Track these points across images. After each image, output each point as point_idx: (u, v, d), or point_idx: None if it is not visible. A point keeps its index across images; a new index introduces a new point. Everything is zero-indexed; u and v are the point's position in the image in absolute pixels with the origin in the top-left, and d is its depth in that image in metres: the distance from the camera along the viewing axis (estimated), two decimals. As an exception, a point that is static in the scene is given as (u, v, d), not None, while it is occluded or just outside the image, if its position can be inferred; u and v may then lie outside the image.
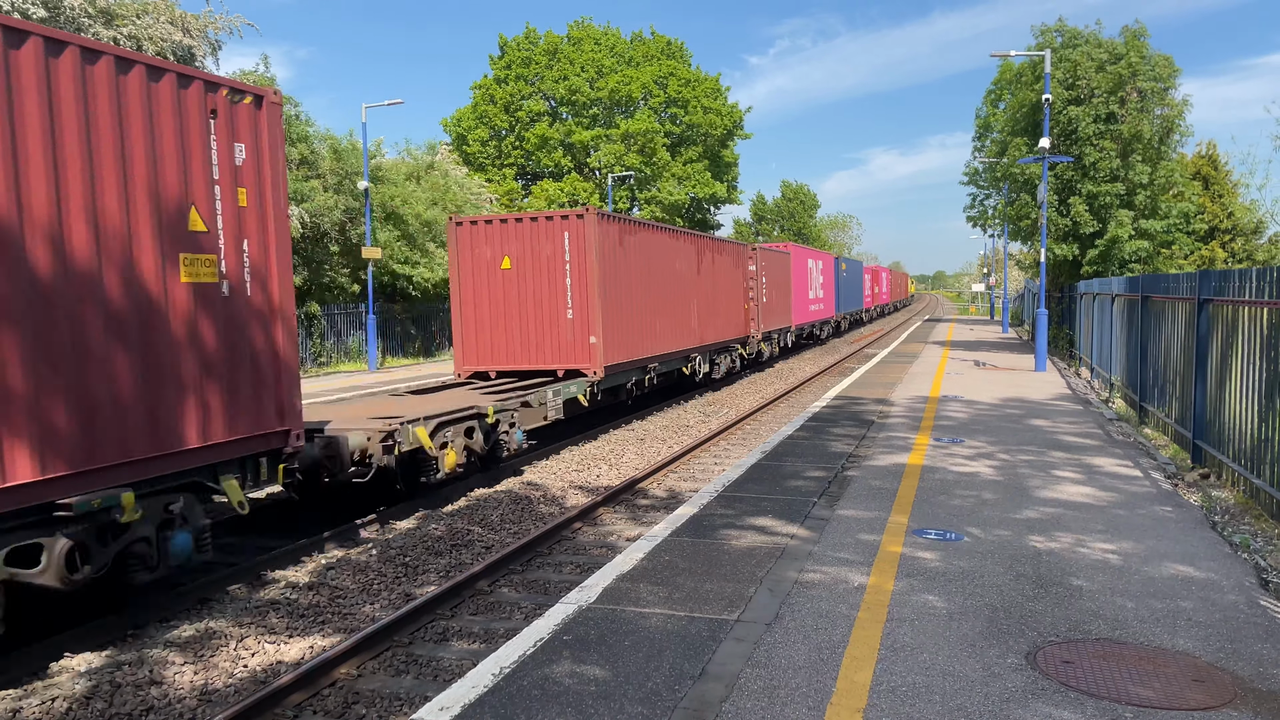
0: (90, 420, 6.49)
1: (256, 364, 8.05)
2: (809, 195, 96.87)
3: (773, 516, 8.26)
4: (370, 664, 6.65)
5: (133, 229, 6.80)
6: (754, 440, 15.85)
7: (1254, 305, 8.48)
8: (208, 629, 7.24)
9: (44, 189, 6.14)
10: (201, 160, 7.43)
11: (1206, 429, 10.14)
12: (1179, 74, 24.67)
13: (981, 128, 34.62)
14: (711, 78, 54.43)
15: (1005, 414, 14.43)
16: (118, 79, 6.68)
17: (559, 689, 4.82)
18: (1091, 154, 24.66)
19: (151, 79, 6.98)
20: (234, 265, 7.78)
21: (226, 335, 7.69)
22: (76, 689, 6.19)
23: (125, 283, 6.75)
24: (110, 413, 6.64)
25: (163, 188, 7.06)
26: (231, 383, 7.75)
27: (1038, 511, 8.25)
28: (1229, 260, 37.54)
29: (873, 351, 34.52)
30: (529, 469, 13.37)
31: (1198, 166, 38.50)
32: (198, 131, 7.40)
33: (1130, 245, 24.69)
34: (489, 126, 51.93)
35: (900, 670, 4.97)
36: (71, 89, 6.34)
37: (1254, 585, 6.26)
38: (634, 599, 6.16)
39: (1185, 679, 4.82)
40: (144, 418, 6.92)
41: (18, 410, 5.98)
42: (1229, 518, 8.22)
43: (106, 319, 6.60)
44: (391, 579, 8.52)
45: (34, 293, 6.11)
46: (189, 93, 7.32)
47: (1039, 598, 6.05)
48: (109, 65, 6.62)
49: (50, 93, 6.21)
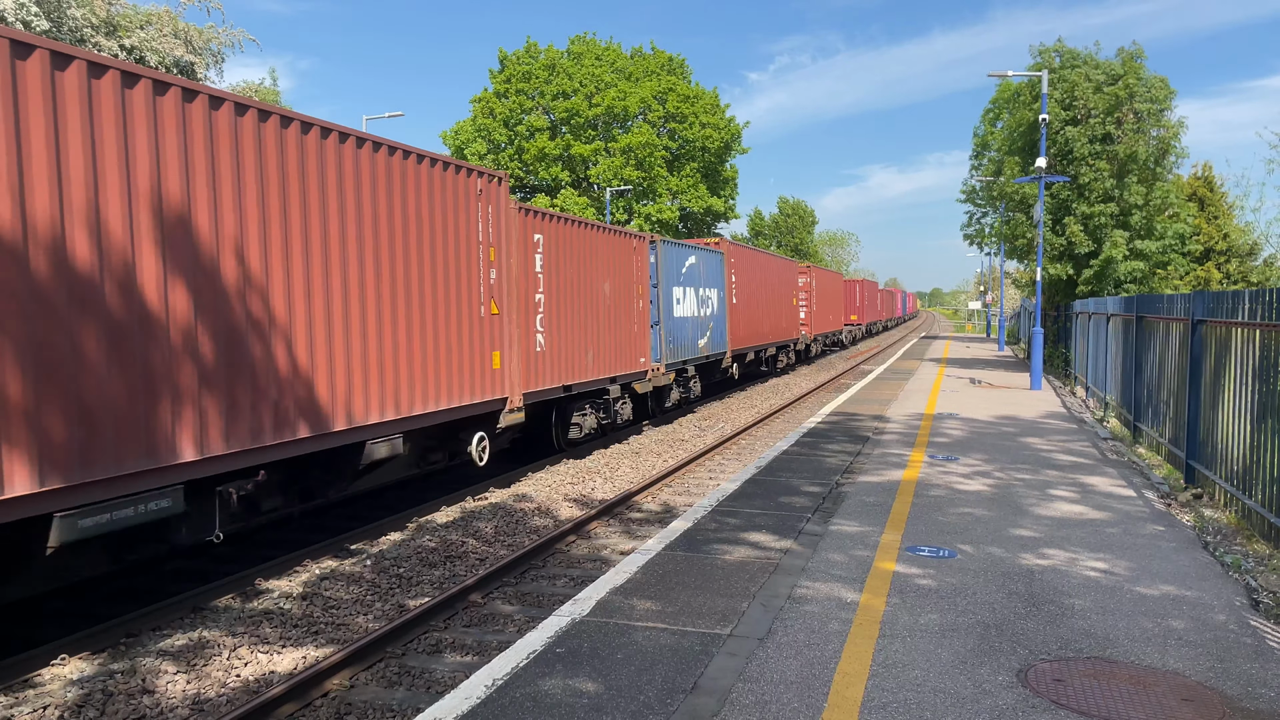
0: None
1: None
2: (807, 211, 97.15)
3: (766, 531, 8.28)
4: (363, 675, 6.65)
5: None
6: (749, 455, 15.87)
7: (1247, 327, 8.54)
8: (201, 638, 7.24)
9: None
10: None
11: (1199, 449, 10.18)
12: (1175, 96, 24.82)
13: (979, 146, 34.80)
14: (710, 93, 54.64)
15: (1000, 432, 14.47)
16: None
17: (551, 701, 4.83)
18: (1087, 174, 24.78)
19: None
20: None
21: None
22: (68, 696, 6.18)
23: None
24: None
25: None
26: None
27: (1031, 529, 8.28)
28: (1224, 282, 37.68)
29: (869, 368, 34.59)
30: (523, 482, 13.37)
31: (1193, 188, 38.69)
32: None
33: (1125, 266, 24.79)
34: (488, 140, 52.08)
35: (892, 687, 4.98)
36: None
37: (1245, 606, 6.29)
38: (627, 612, 6.17)
39: (1175, 698, 4.84)
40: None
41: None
42: (1221, 538, 8.25)
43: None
44: (385, 590, 8.52)
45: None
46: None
47: (1031, 616, 6.08)
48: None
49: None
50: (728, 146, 55.27)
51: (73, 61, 6.42)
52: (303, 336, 8.50)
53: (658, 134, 52.54)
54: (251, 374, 7.89)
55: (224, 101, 7.64)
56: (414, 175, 10.21)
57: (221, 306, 7.60)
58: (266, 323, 8.08)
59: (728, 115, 55.01)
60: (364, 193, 9.32)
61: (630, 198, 52.03)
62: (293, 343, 8.38)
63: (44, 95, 6.19)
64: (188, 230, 7.25)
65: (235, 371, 7.72)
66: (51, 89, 6.26)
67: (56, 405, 6.23)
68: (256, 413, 7.94)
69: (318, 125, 8.69)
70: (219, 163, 7.57)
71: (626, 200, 52.15)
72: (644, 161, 50.76)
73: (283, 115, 8.30)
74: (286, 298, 8.31)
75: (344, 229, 9.04)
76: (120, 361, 6.67)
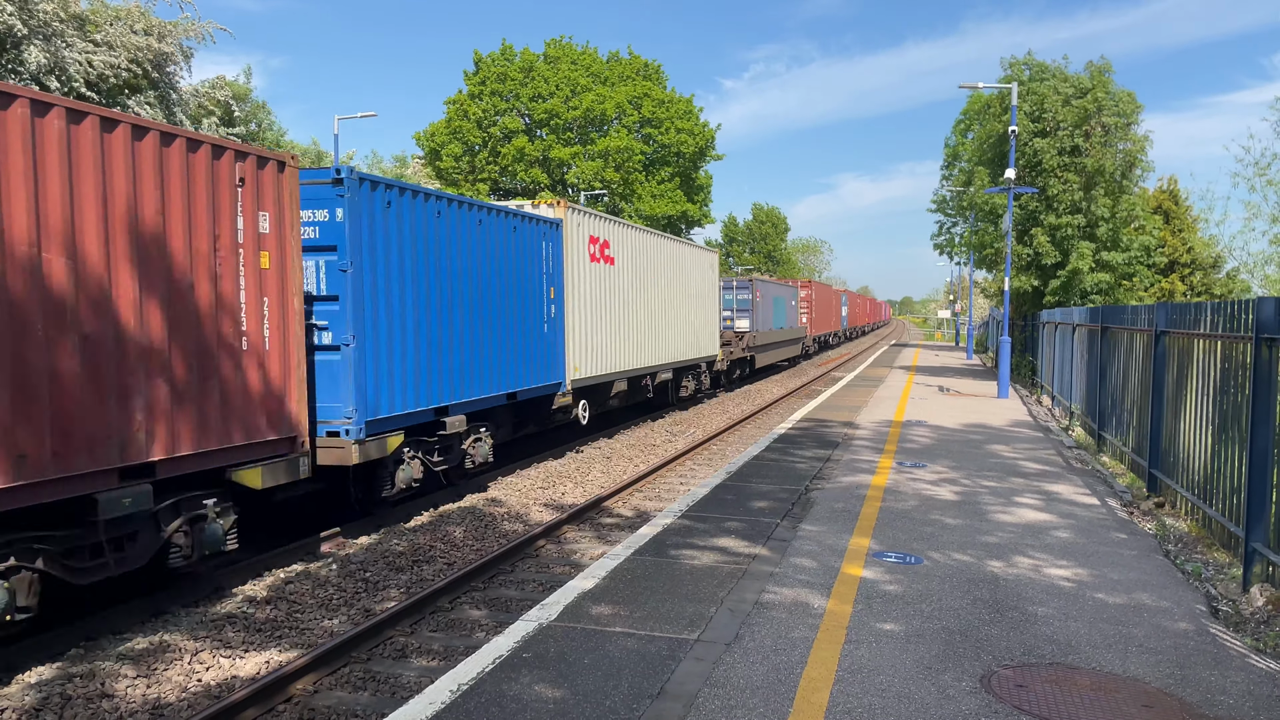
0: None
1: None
2: (780, 218, 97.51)
3: (736, 537, 8.30)
4: (327, 680, 6.59)
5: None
6: (720, 460, 15.90)
7: (1209, 338, 8.67)
8: (162, 642, 7.14)
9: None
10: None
11: (1162, 458, 10.33)
12: (1141, 110, 25.19)
13: (950, 157, 35.13)
14: (685, 98, 54.77)
15: (967, 439, 14.60)
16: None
17: (516, 706, 4.81)
18: (1055, 186, 25.08)
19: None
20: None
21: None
22: (26, 700, 6.08)
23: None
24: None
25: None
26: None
27: (996, 536, 8.35)
28: (1188, 294, 38.25)
29: (839, 375, 34.78)
30: (494, 486, 13.32)
31: (1159, 201, 39.24)
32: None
33: (1091, 277, 25.10)
34: (462, 142, 51.87)
35: (857, 692, 5.01)
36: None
37: (1204, 613, 6.38)
38: (595, 617, 6.16)
39: (1135, 705, 4.90)
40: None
41: None
42: (1182, 546, 8.37)
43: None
44: (351, 594, 8.45)
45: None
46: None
47: (995, 622, 6.13)
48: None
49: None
50: (702, 152, 55.39)
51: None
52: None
53: (634, 138, 52.59)
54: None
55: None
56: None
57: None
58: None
59: (702, 121, 55.15)
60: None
61: (607, 201, 52.03)
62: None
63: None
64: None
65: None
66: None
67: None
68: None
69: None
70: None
71: (604, 205, 52.14)
72: (622, 165, 50.80)
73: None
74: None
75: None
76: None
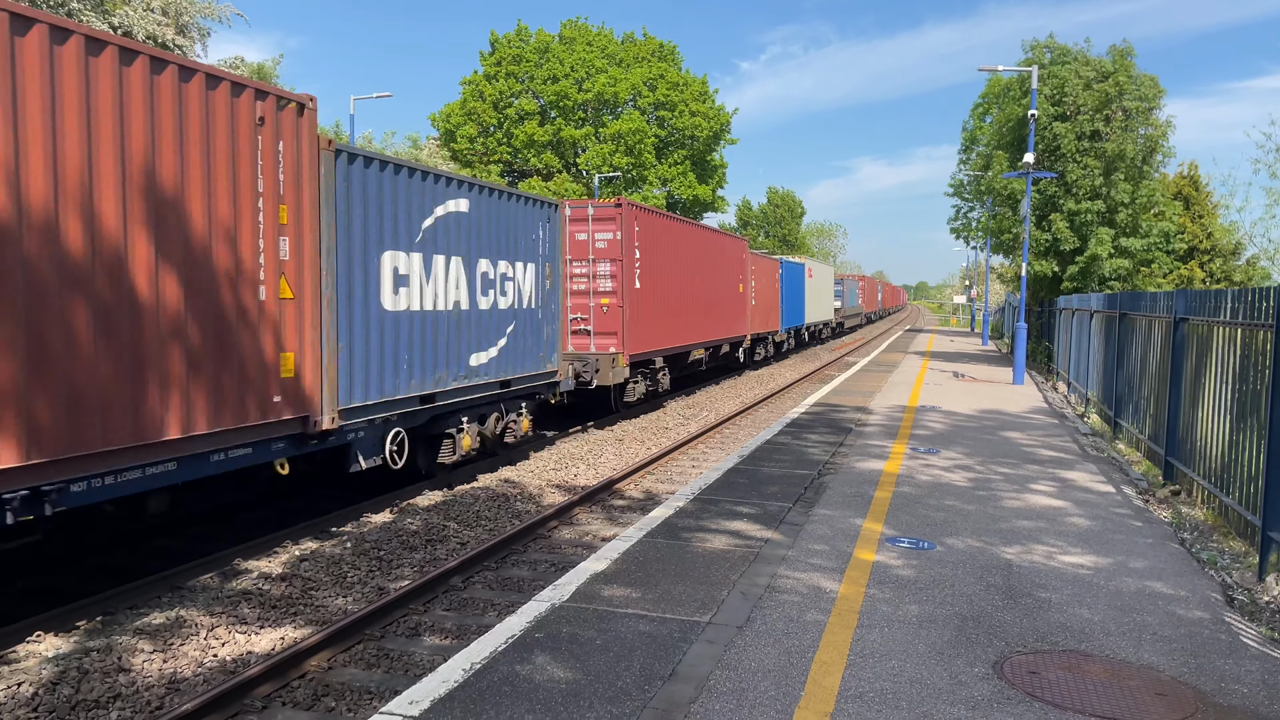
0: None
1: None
2: (795, 202, 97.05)
3: (748, 520, 8.30)
4: (341, 657, 6.64)
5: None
6: (732, 444, 15.90)
7: (1228, 326, 8.59)
8: (178, 617, 7.21)
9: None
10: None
11: (1179, 446, 10.26)
12: (1164, 94, 24.94)
13: (968, 141, 34.88)
14: (699, 80, 54.45)
15: (982, 425, 14.54)
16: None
17: (529, 686, 4.83)
18: (1075, 171, 24.87)
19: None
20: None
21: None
22: (44, 674, 6.15)
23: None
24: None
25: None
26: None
27: (1010, 523, 8.33)
28: (1207, 280, 37.92)
29: (853, 360, 34.69)
30: (507, 467, 13.36)
31: (1179, 187, 38.86)
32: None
33: (1110, 263, 24.92)
34: (477, 123, 51.79)
35: (868, 676, 5.01)
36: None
37: (1220, 602, 6.35)
38: (607, 599, 6.18)
39: (1149, 692, 4.88)
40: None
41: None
42: (1198, 534, 8.32)
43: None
44: (365, 572, 8.50)
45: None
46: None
47: (1008, 608, 6.11)
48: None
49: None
50: (716, 136, 55.12)
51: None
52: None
53: (647, 121, 52.36)
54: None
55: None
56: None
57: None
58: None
59: (717, 104, 54.85)
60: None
61: (619, 184, 51.89)
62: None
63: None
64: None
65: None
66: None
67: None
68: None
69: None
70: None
71: (615, 186, 52.02)
72: (634, 148, 50.60)
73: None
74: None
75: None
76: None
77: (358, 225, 9.74)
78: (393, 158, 10.42)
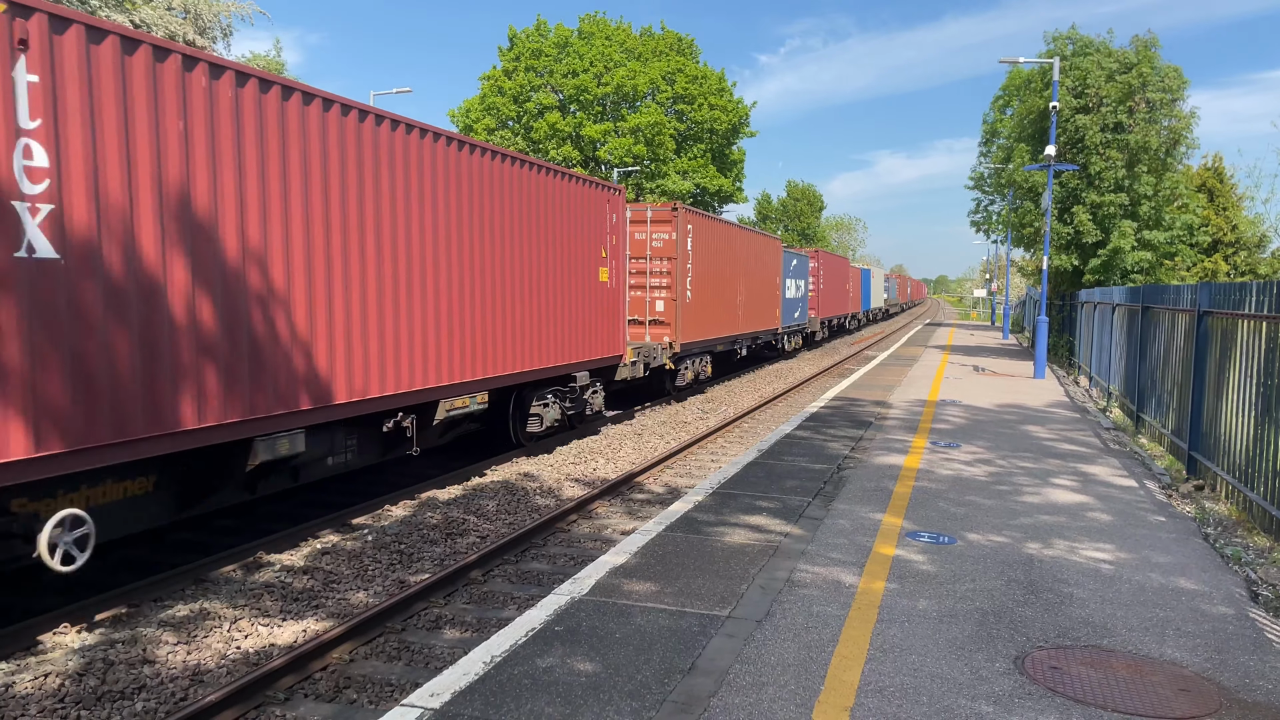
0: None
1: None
2: (815, 196, 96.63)
3: (767, 515, 8.29)
4: (362, 649, 6.69)
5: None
6: (751, 438, 15.88)
7: (1253, 319, 8.50)
8: (202, 609, 7.28)
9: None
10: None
11: (1202, 440, 10.17)
12: (1188, 85, 24.68)
13: (988, 133, 34.60)
14: (717, 74, 54.29)
15: (1003, 419, 14.46)
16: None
17: (549, 679, 4.85)
18: (1098, 163, 24.65)
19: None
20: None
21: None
22: (70, 665, 6.22)
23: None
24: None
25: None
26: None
27: (1031, 518, 8.28)
28: (1231, 274, 37.53)
29: (872, 354, 34.54)
30: (526, 461, 13.40)
31: (1203, 179, 38.48)
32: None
33: (1133, 256, 24.70)
34: (496, 117, 51.84)
35: (888, 671, 5.00)
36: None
37: (1244, 598, 6.30)
38: (626, 592, 6.19)
39: (1172, 688, 4.85)
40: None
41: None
42: (1222, 530, 8.25)
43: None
44: (386, 565, 8.55)
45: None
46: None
47: (1029, 603, 6.08)
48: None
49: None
50: (735, 129, 54.99)
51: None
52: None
53: (666, 115, 52.26)
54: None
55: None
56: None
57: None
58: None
59: (735, 97, 54.69)
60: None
61: (639, 176, 51.84)
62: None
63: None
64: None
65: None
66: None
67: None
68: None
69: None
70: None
71: (635, 179, 51.98)
72: (652, 141, 50.52)
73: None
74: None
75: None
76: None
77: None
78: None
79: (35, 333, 6.11)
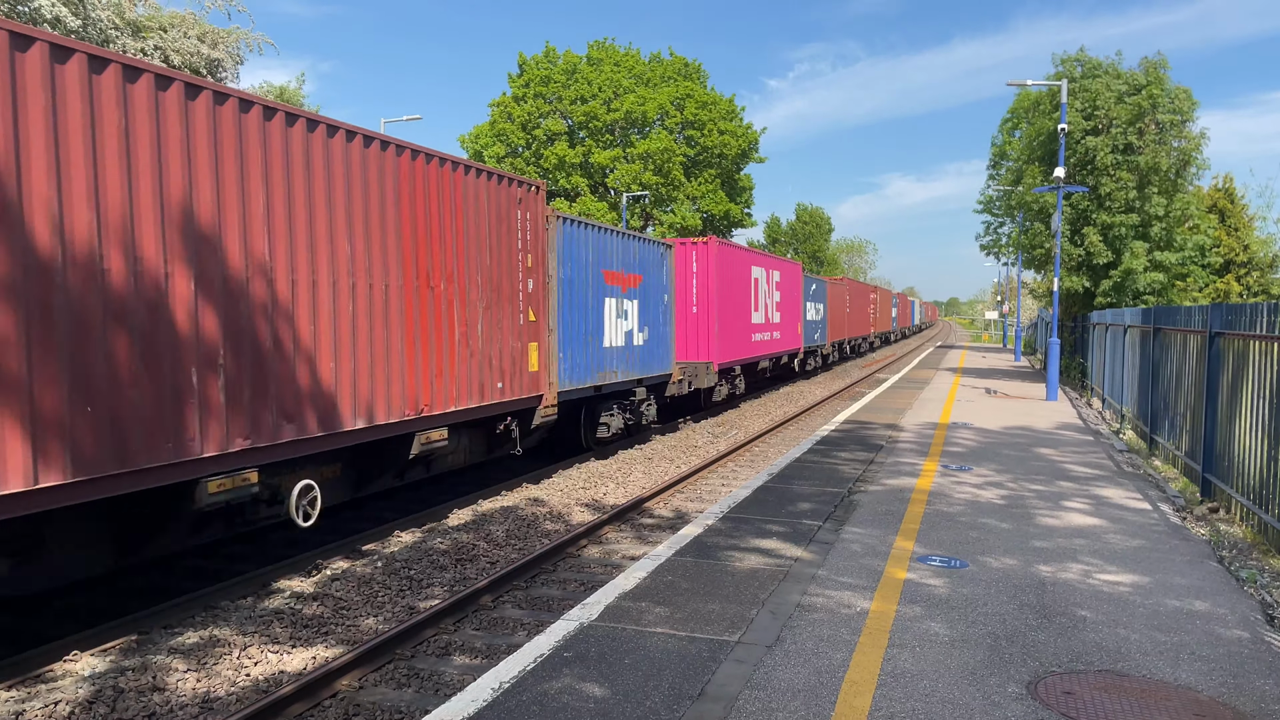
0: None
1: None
2: (824, 219, 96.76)
3: (778, 539, 8.26)
4: (372, 676, 6.67)
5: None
6: (762, 462, 15.83)
7: (1265, 340, 8.46)
8: (212, 636, 7.28)
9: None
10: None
11: (1216, 463, 10.09)
12: (1198, 107, 24.66)
13: (997, 155, 34.65)
14: (727, 99, 54.52)
15: (1015, 442, 14.38)
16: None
17: (557, 705, 4.83)
18: (1108, 184, 24.63)
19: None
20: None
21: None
22: (80, 693, 6.23)
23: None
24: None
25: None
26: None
27: (1044, 541, 8.22)
28: (1244, 294, 37.35)
29: (884, 376, 34.45)
30: (535, 486, 13.39)
31: (1214, 199, 38.38)
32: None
33: (1145, 277, 24.61)
34: (506, 144, 52.16)
35: (899, 697, 4.96)
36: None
37: (1259, 621, 6.23)
38: (636, 618, 6.17)
39: (1187, 713, 4.79)
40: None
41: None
42: (1237, 552, 8.17)
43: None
44: (395, 592, 8.54)
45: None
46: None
47: (1042, 627, 6.03)
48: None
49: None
50: (745, 154, 55.16)
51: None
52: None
53: (675, 140, 52.48)
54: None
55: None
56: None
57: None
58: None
59: (745, 122, 54.91)
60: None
61: (648, 204, 52.02)
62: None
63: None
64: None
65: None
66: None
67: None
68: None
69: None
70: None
71: (644, 206, 52.17)
72: (662, 167, 50.71)
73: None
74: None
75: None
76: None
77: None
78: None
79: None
